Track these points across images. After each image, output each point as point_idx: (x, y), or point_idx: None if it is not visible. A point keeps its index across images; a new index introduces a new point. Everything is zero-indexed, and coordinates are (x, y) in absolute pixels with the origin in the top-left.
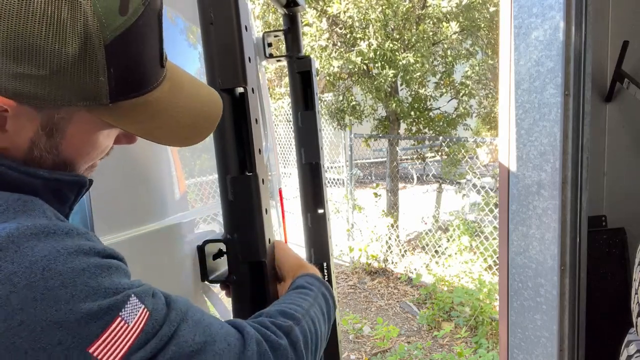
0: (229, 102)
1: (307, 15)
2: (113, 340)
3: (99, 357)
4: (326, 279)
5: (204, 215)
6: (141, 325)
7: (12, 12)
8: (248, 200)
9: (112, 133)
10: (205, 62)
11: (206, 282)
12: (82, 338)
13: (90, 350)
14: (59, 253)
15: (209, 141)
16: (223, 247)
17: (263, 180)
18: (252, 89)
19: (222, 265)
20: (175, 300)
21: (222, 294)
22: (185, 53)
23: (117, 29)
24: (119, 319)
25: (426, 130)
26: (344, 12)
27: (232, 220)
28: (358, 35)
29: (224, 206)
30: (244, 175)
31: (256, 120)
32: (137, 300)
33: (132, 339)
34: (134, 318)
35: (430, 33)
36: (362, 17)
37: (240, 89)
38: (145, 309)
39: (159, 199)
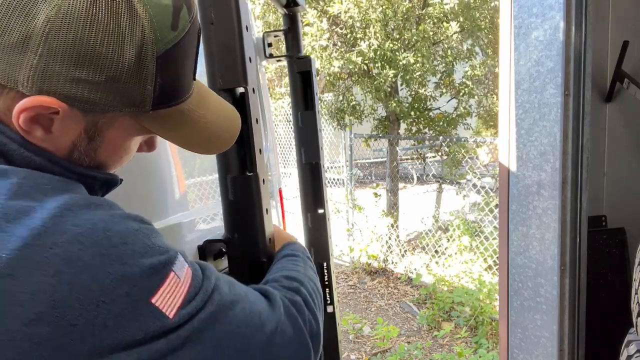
0: (230, 101)
1: (308, 15)
2: (170, 292)
3: (161, 307)
4: (326, 278)
5: (204, 215)
6: (189, 280)
7: (79, 20)
8: (249, 200)
9: (139, 140)
10: (206, 62)
11: None
12: (146, 289)
13: (153, 301)
14: (113, 217)
15: None
16: (223, 247)
17: (264, 180)
18: (253, 89)
19: (222, 265)
20: (205, 264)
21: None
22: None
23: (169, 42)
24: (172, 273)
25: (426, 130)
26: (345, 12)
27: (232, 220)
28: (358, 35)
29: (225, 206)
30: (245, 175)
31: (257, 120)
32: (182, 259)
33: (184, 292)
34: (183, 273)
35: (431, 33)
36: (362, 17)
37: (241, 89)
38: (189, 267)
39: (160, 198)
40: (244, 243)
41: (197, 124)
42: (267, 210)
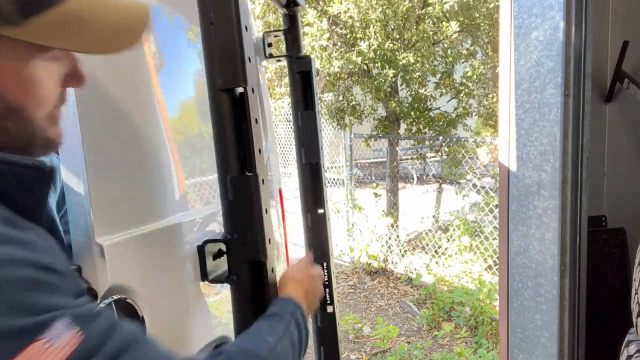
0: (229, 102)
1: (308, 16)
2: None
3: None
4: (326, 278)
5: (204, 215)
6: (68, 350)
7: None
8: (248, 200)
9: (49, 67)
10: (205, 62)
11: (206, 282)
12: (2, 352)
13: None
14: (4, 259)
15: (209, 141)
16: (223, 247)
17: (263, 180)
18: (252, 89)
19: (222, 265)
20: (122, 329)
21: (221, 294)
22: (184, 51)
23: None
24: (42, 340)
25: (426, 130)
26: (345, 12)
27: (232, 220)
28: (358, 35)
29: (224, 206)
30: (244, 175)
31: (256, 120)
32: (70, 322)
33: None
34: (60, 340)
35: (431, 33)
36: (362, 17)
37: (240, 89)
38: (79, 332)
39: (160, 198)
40: (243, 243)
41: (88, 26)
42: (266, 210)
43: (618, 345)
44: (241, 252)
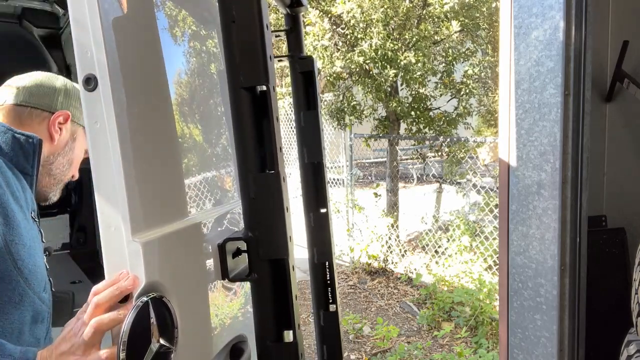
0: (250, 100)
1: (310, 15)
2: None
3: None
4: (328, 278)
5: (224, 213)
6: None
7: None
8: (270, 198)
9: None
10: (226, 60)
11: (227, 280)
12: None
13: None
14: None
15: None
16: (242, 245)
17: (284, 178)
18: (273, 87)
19: (241, 263)
20: None
21: (238, 292)
22: (170, 51)
23: None
24: None
25: (426, 130)
26: (348, 12)
27: (253, 218)
28: (360, 35)
29: (245, 204)
30: (266, 173)
31: (277, 118)
32: None
33: None
34: None
35: (432, 32)
36: (364, 18)
37: (262, 87)
38: None
39: (184, 197)
40: (264, 240)
41: None
42: (287, 208)
43: (618, 345)
44: (263, 250)
